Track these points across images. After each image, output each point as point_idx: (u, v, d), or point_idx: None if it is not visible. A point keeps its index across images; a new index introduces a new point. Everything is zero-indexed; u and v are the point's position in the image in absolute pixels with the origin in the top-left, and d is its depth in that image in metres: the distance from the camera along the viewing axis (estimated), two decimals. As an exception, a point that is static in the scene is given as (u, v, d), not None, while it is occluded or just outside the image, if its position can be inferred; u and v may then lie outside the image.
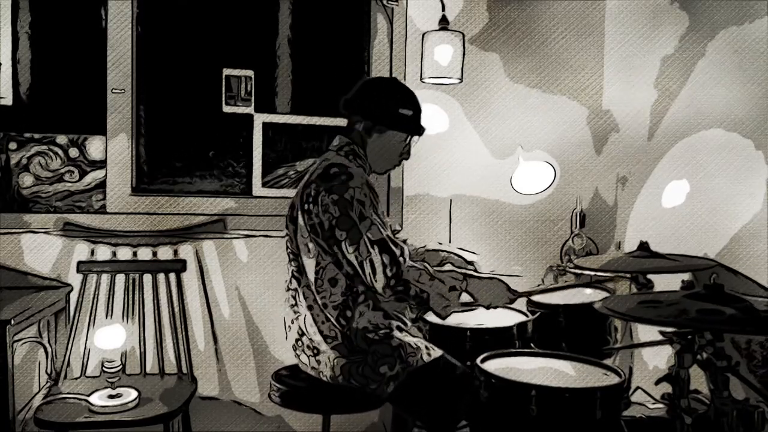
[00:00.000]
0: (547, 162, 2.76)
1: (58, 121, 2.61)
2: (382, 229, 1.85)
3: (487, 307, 1.93)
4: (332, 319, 1.91)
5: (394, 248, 1.84)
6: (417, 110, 2.05)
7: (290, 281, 2.00)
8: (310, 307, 1.94)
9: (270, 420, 2.69)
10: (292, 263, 1.98)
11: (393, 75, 2.79)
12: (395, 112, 2.01)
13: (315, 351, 1.95)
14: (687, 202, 2.87)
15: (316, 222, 1.88)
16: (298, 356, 2.01)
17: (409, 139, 2.05)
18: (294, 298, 1.99)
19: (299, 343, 1.99)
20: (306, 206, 1.90)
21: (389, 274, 1.82)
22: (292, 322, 2.00)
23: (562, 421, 1.69)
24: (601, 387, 1.73)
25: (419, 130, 2.06)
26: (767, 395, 2.13)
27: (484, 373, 1.79)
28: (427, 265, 1.88)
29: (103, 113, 2.60)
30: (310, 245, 1.91)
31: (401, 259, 1.84)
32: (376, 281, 1.83)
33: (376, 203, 1.91)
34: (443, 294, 1.85)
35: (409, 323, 2.03)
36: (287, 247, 2.00)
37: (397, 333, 1.95)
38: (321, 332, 1.93)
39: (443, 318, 1.90)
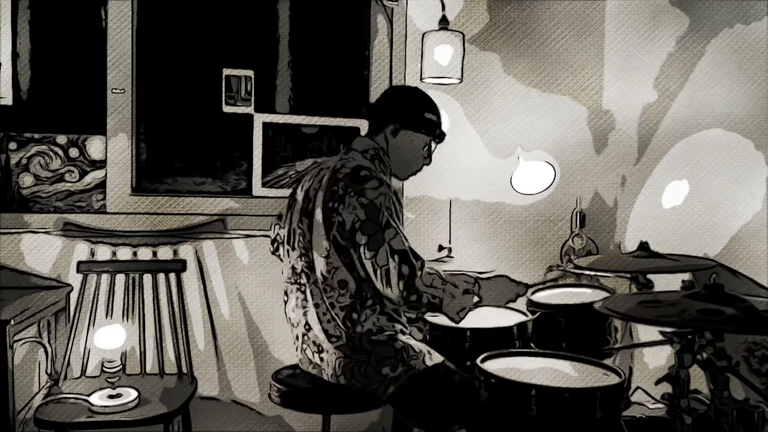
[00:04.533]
0: (547, 162, 2.76)
1: (58, 121, 2.61)
2: (404, 240, 1.85)
3: (504, 305, 1.95)
4: (338, 320, 1.91)
5: (414, 261, 1.84)
6: (438, 116, 2.12)
7: (300, 275, 1.99)
8: (316, 305, 1.94)
9: (270, 420, 2.69)
10: (303, 258, 1.97)
11: (393, 75, 2.79)
12: (422, 115, 2.08)
13: (319, 348, 1.95)
14: (687, 202, 2.87)
15: (338, 221, 1.88)
16: (303, 350, 2.01)
17: (432, 143, 2.11)
18: (303, 293, 1.98)
19: (306, 338, 1.99)
20: (330, 204, 1.89)
21: (402, 286, 1.82)
22: (303, 316, 1.99)
23: (562, 421, 1.69)
24: (601, 387, 1.73)
25: (442, 135, 2.13)
26: (767, 395, 2.13)
27: (484, 373, 1.79)
28: (438, 270, 1.89)
29: (103, 113, 2.61)
30: (326, 243, 1.90)
31: (419, 272, 1.84)
32: (390, 290, 1.83)
33: (399, 213, 1.91)
34: (457, 298, 1.86)
35: (407, 326, 2.02)
36: (299, 241, 1.99)
37: (400, 336, 1.95)
38: (325, 331, 1.93)
39: (457, 322, 1.90)
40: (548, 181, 2.76)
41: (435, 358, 1.94)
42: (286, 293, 2.06)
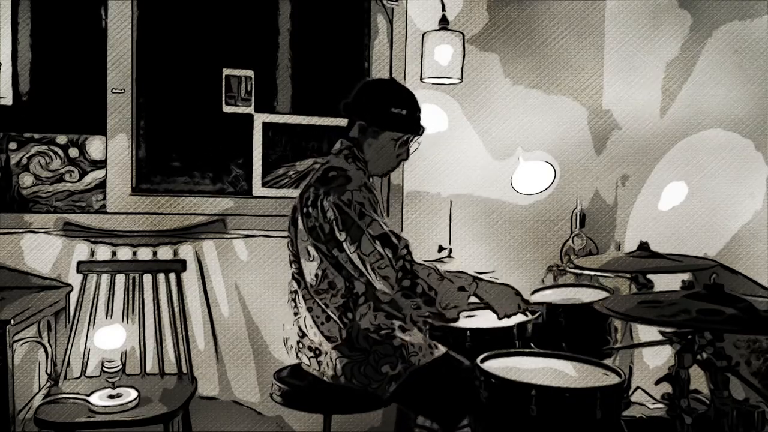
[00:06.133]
0: (547, 162, 2.76)
1: (58, 121, 2.61)
2: (383, 225, 1.85)
3: (501, 317, 1.92)
4: (334, 317, 1.91)
5: (396, 242, 1.83)
6: (412, 110, 2.02)
7: (291, 283, 2.00)
8: (309, 309, 1.94)
9: (270, 420, 2.69)
10: (293, 265, 1.99)
11: (393, 75, 2.79)
12: (387, 111, 1.99)
13: (316, 352, 1.95)
14: (687, 202, 2.87)
15: (316, 225, 1.89)
16: (299, 358, 2.02)
17: (406, 138, 2.02)
18: (294, 300, 1.99)
19: (300, 345, 1.99)
20: (305, 209, 1.91)
21: (396, 267, 1.82)
22: (293, 324, 2.00)
23: (562, 421, 1.69)
24: (601, 387, 1.73)
25: (414, 129, 2.03)
26: (767, 395, 2.13)
27: (484, 373, 1.79)
28: (436, 265, 1.88)
29: (103, 113, 2.61)
30: (310, 248, 1.91)
31: (404, 251, 1.83)
32: (382, 277, 1.83)
33: (375, 205, 1.91)
34: (452, 295, 1.85)
35: (408, 322, 2.02)
36: (289, 249, 2.01)
37: (399, 333, 1.94)
38: (322, 333, 1.93)
39: (449, 320, 1.89)
40: (548, 181, 2.76)
41: (437, 351, 1.94)
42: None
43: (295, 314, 1.99)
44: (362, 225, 1.83)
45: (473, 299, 1.90)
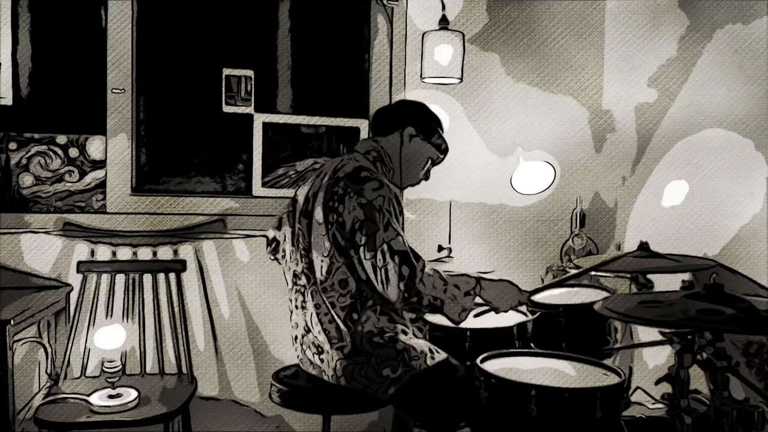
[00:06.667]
0: (547, 162, 2.76)
1: (58, 121, 2.61)
2: (405, 241, 1.85)
3: (497, 311, 1.94)
4: (338, 320, 1.91)
5: (415, 262, 1.84)
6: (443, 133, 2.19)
7: (300, 277, 1.98)
8: (317, 306, 1.94)
9: (270, 420, 2.69)
10: (303, 259, 1.97)
11: (393, 75, 2.79)
12: (436, 128, 2.13)
13: (319, 350, 1.95)
14: (687, 202, 2.87)
15: (338, 221, 1.88)
16: (303, 352, 2.01)
17: (434, 160, 2.15)
18: (303, 294, 1.98)
19: (305, 339, 1.98)
20: (330, 203, 1.89)
21: (403, 287, 1.82)
22: (302, 318, 1.99)
23: (562, 421, 1.69)
24: (601, 387, 1.73)
25: (445, 153, 2.18)
26: (767, 395, 2.13)
27: (484, 373, 1.79)
28: (439, 270, 1.88)
29: (103, 113, 2.61)
30: (326, 243, 1.90)
31: (420, 273, 1.84)
32: (388, 291, 1.83)
33: (399, 217, 1.91)
34: (458, 300, 1.86)
35: (409, 325, 2.02)
36: (298, 243, 1.99)
37: (402, 336, 1.94)
38: (326, 332, 1.92)
39: (457, 323, 1.90)
40: (548, 181, 2.76)
41: (438, 355, 1.94)
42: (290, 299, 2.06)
43: (303, 309, 1.98)
44: (385, 237, 1.82)
45: (477, 299, 1.93)
